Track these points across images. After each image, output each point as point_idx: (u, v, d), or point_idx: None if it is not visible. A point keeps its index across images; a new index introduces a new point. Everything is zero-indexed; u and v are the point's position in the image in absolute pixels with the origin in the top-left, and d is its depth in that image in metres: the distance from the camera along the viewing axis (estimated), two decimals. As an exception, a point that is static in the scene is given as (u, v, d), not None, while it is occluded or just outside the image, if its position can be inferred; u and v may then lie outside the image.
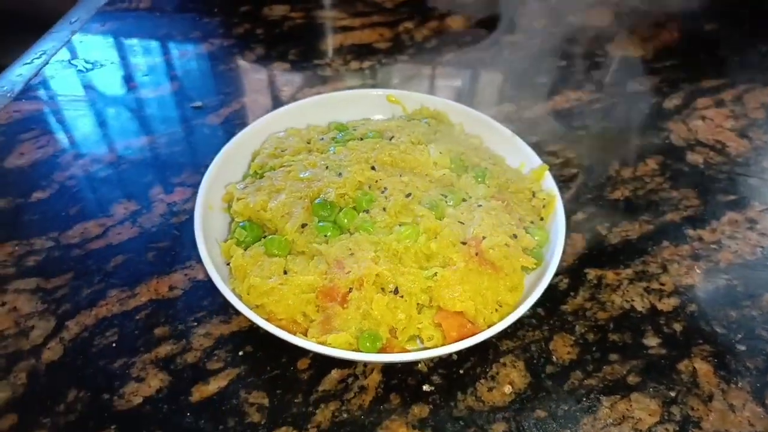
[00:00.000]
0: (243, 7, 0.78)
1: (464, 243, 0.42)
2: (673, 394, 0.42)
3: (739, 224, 0.54)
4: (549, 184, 0.49)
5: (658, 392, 0.42)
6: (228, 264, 0.43)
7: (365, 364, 0.42)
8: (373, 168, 0.46)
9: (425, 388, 0.41)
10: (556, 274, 0.48)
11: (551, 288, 0.47)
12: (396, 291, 0.41)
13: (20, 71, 0.67)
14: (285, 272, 0.42)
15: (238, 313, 0.41)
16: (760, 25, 0.77)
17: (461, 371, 0.42)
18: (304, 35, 0.74)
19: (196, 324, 0.44)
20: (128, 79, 0.67)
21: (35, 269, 0.48)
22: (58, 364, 0.42)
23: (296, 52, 0.71)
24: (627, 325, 0.46)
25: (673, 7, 0.77)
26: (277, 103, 0.65)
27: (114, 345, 0.43)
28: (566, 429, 0.40)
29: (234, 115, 0.63)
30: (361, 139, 0.51)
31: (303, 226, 0.44)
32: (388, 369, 0.42)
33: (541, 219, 0.48)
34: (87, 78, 0.67)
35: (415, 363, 0.43)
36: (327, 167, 0.47)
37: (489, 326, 0.40)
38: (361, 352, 0.39)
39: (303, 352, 0.42)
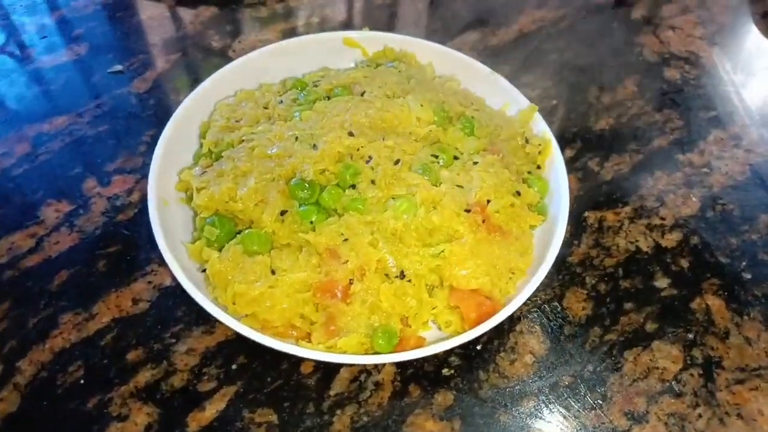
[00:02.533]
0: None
1: (468, 210, 0.38)
2: (691, 336, 0.41)
3: (725, 143, 0.52)
4: (541, 126, 0.45)
5: (677, 336, 0.41)
6: (203, 271, 0.37)
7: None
8: (350, 134, 0.40)
9: (444, 372, 0.38)
10: (556, 223, 0.45)
11: (554, 239, 0.44)
12: (402, 275, 0.36)
13: None
14: (272, 272, 0.36)
15: (223, 322, 0.35)
16: None
17: (478, 347, 0.39)
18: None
19: (174, 341, 0.39)
20: (23, 45, 0.56)
21: (-39, 303, 0.40)
22: (17, 416, 0.35)
23: (222, -9, 0.61)
24: (635, 269, 0.44)
25: None
26: (212, 57, 0.56)
27: (82, 381, 0.37)
28: (595, 392, 0.38)
29: (163, 78, 0.54)
30: (328, 97, 0.44)
31: (282, 213, 0.38)
32: (401, 358, 0.39)
33: (538, 167, 0.44)
34: (-31, 48, 0.55)
35: (431, 348, 0.39)
36: (297, 138, 0.40)
37: (505, 297, 0.37)
38: (376, 354, 0.35)
39: (306, 355, 0.38)
